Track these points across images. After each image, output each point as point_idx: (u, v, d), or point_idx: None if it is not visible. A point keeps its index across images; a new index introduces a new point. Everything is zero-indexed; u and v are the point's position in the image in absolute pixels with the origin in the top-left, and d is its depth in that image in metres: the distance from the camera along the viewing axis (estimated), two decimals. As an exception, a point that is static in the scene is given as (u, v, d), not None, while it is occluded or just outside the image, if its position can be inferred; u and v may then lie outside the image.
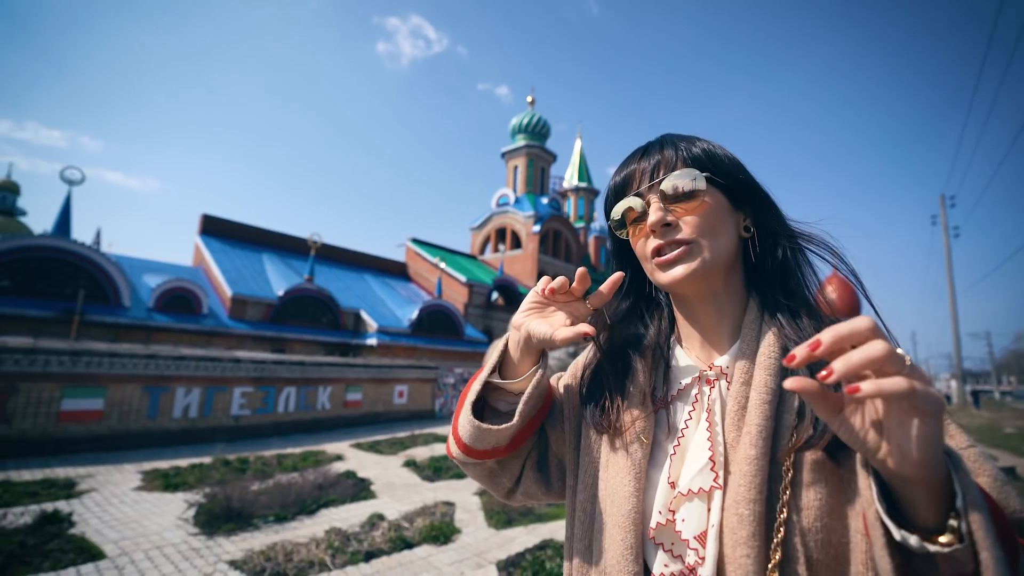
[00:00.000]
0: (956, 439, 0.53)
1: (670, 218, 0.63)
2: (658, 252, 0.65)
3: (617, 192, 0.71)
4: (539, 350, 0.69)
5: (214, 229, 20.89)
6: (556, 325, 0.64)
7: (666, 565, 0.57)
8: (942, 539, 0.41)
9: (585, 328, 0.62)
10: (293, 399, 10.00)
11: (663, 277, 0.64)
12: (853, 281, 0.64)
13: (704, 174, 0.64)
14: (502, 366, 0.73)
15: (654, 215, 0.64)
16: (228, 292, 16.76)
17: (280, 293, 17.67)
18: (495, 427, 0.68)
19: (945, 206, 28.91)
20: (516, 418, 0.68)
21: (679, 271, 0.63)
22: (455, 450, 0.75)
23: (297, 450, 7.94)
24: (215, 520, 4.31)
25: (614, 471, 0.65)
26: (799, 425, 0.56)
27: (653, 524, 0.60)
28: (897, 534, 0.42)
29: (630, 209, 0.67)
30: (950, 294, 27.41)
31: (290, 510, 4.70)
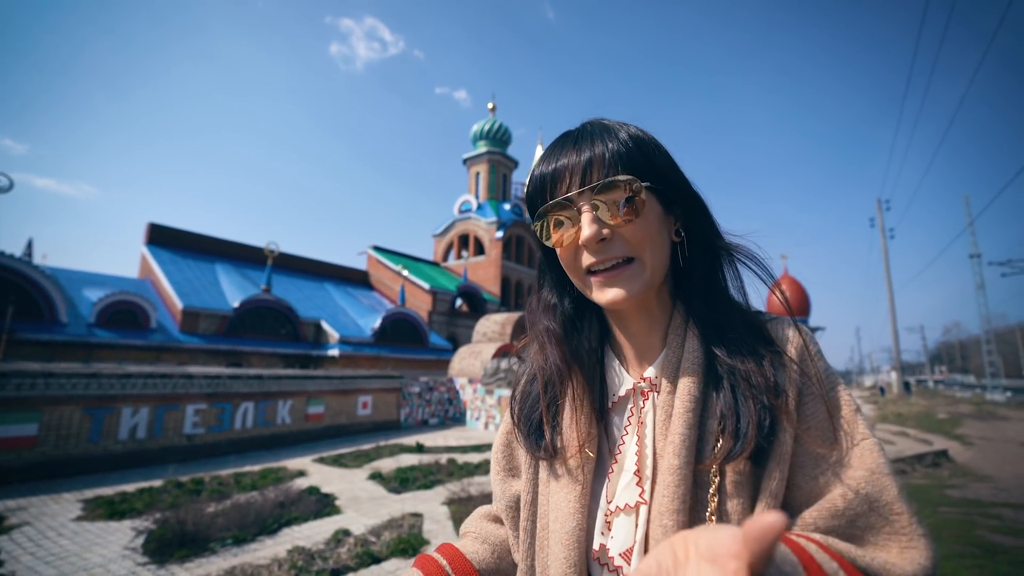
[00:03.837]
0: (854, 434, 0.53)
1: (606, 232, 0.56)
2: (592, 268, 0.58)
3: (543, 186, 0.60)
4: None
5: (162, 239, 19.86)
6: None
7: None
8: None
9: None
10: (251, 415, 9.58)
11: (600, 297, 0.58)
12: (779, 297, 0.63)
13: (644, 183, 0.56)
14: None
15: (588, 229, 0.56)
16: (179, 305, 15.94)
17: (235, 304, 16.95)
18: None
19: (881, 209, 31.04)
20: None
21: (618, 293, 0.57)
22: None
23: (256, 468, 7.60)
24: (167, 547, 4.06)
25: (555, 488, 0.63)
26: (723, 430, 0.54)
27: (596, 545, 0.58)
28: None
29: (557, 213, 0.59)
30: (888, 292, 29.40)
31: (250, 531, 4.48)
